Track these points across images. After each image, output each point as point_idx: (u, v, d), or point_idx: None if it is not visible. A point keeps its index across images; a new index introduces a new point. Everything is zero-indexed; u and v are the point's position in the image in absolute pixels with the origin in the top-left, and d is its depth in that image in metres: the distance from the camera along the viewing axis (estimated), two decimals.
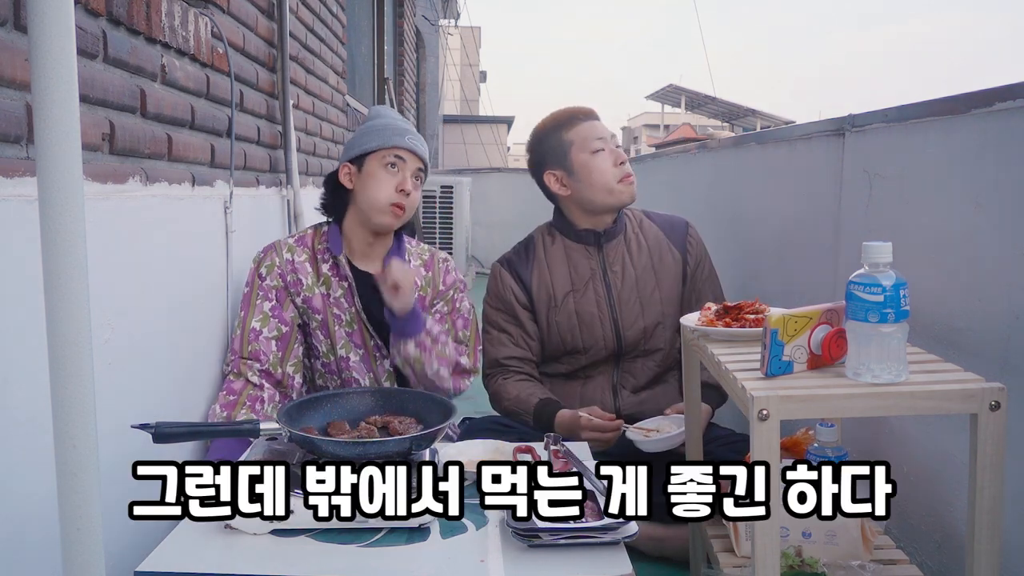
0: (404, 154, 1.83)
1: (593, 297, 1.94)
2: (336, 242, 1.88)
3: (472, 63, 17.53)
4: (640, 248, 1.98)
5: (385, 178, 1.81)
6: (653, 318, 1.94)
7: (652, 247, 1.99)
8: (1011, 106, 1.20)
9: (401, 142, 1.82)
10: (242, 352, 1.80)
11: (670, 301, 1.96)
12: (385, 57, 5.73)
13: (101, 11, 1.32)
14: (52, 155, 0.82)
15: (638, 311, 1.93)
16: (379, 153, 1.82)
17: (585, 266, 1.96)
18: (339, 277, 1.87)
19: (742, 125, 20.25)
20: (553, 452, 1.36)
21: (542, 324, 1.97)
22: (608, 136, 1.96)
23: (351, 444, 1.21)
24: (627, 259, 1.97)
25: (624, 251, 1.97)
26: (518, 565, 1.08)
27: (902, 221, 1.50)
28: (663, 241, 2.00)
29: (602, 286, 1.95)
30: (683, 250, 2.00)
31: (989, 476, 1.00)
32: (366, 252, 1.90)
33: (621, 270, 1.95)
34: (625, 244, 1.98)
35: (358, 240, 1.89)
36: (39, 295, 0.85)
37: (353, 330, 1.88)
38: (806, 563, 1.23)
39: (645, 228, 2.02)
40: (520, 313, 1.98)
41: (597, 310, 1.93)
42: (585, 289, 1.94)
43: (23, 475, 1.11)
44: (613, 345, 1.93)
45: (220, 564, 1.08)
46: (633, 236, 2.00)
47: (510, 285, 2.00)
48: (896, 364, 1.03)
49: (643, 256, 1.97)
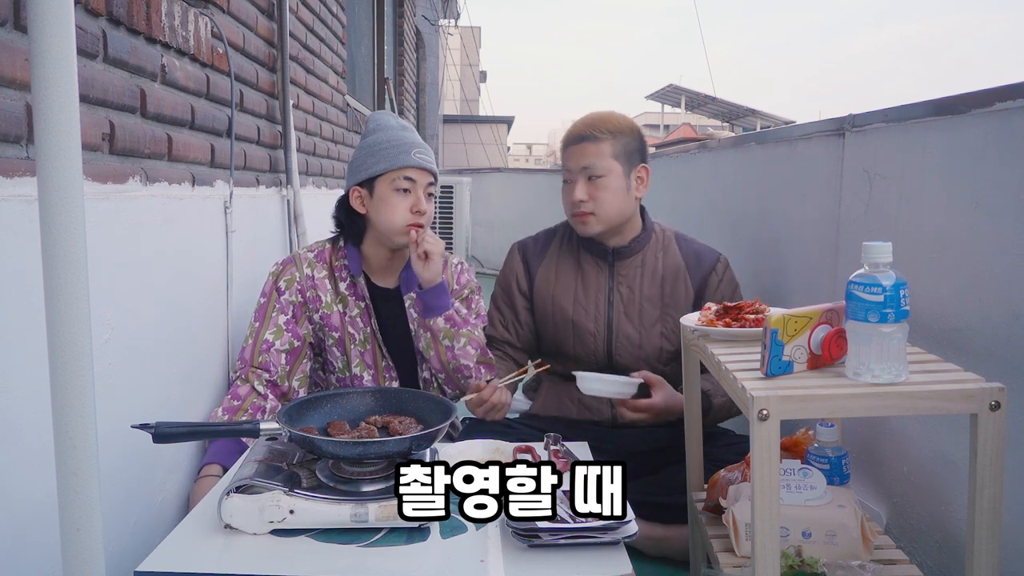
0: (413, 173, 1.80)
1: (592, 311, 1.89)
2: (355, 263, 1.87)
3: (472, 63, 17.53)
4: (654, 274, 1.89)
5: (398, 202, 1.79)
6: (650, 347, 1.86)
7: (667, 275, 1.89)
8: (1011, 106, 1.20)
9: (409, 161, 1.79)
10: (252, 362, 1.81)
11: (673, 334, 1.86)
12: (385, 57, 5.73)
13: (101, 11, 1.32)
14: (52, 155, 0.82)
15: (635, 338, 1.86)
16: (388, 176, 1.79)
17: (593, 278, 1.91)
18: (356, 297, 1.88)
19: (742, 125, 20.25)
20: (553, 452, 1.36)
21: (538, 318, 1.95)
22: (575, 168, 1.83)
23: (351, 444, 1.21)
24: (638, 282, 1.89)
25: (638, 273, 1.89)
26: (518, 565, 1.08)
27: (902, 221, 1.50)
28: (681, 271, 1.89)
29: (604, 303, 1.89)
30: (700, 286, 1.88)
31: (989, 476, 1.00)
32: (385, 268, 1.90)
33: (628, 291, 1.88)
34: (641, 266, 1.89)
35: (377, 258, 1.89)
36: (39, 295, 0.85)
37: (366, 349, 1.89)
38: (806, 563, 1.22)
39: (669, 254, 1.91)
40: (517, 300, 1.97)
41: (593, 326, 1.88)
42: (587, 301, 1.90)
43: (23, 475, 1.11)
44: (603, 361, 1.90)
45: (220, 564, 1.08)
46: (652, 259, 1.90)
47: (517, 270, 1.98)
48: (896, 364, 1.03)
49: (655, 283, 1.88)
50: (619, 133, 1.83)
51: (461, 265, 2.01)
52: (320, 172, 3.16)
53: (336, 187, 3.41)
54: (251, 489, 1.17)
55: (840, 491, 1.33)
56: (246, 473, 1.21)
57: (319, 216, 2.73)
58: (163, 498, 1.60)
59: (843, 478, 1.40)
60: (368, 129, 1.88)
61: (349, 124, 3.81)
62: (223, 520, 1.16)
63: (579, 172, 1.83)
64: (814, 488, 1.30)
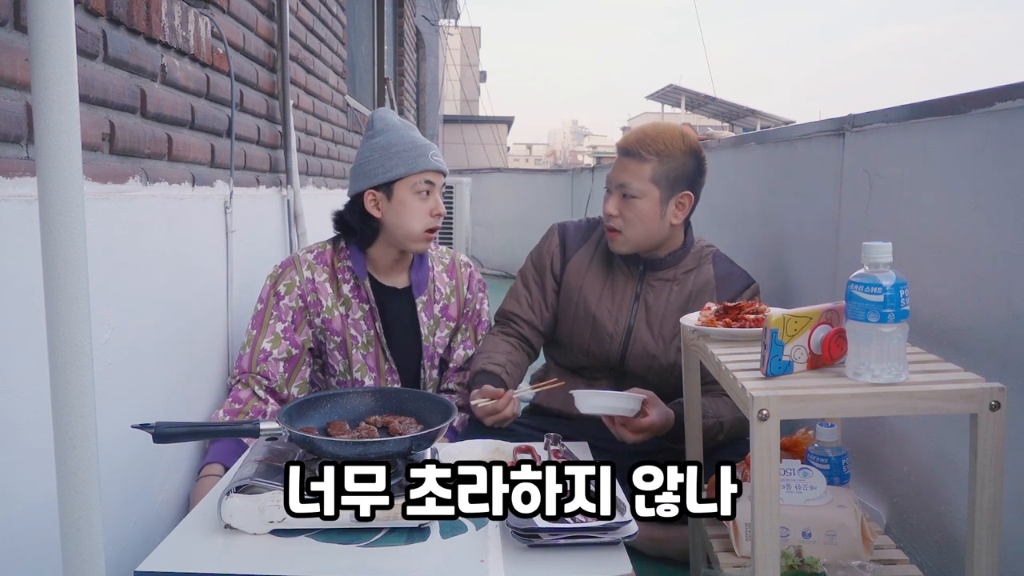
0: (433, 176, 1.79)
1: (615, 312, 1.87)
2: (360, 265, 1.84)
3: (472, 63, 17.53)
4: (683, 290, 1.86)
5: (418, 206, 1.78)
6: (665, 360, 1.84)
7: (695, 293, 1.85)
8: (1011, 106, 1.20)
9: (428, 164, 1.78)
10: (251, 371, 1.80)
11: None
12: (385, 57, 5.73)
13: (101, 11, 1.32)
14: (52, 155, 0.82)
15: (652, 348, 1.84)
16: (409, 180, 1.77)
17: (622, 280, 1.89)
18: (361, 299, 1.86)
19: (742, 125, 20.24)
20: (553, 452, 1.36)
21: (562, 304, 1.94)
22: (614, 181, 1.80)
23: (351, 444, 1.21)
24: (665, 294, 1.86)
25: (668, 286, 1.86)
26: (518, 565, 1.08)
27: (902, 221, 1.50)
28: (709, 289, 1.85)
29: (628, 307, 1.87)
30: None
31: (989, 476, 1.00)
32: (391, 268, 1.89)
33: (654, 301, 1.86)
34: (672, 280, 1.86)
35: (384, 259, 1.87)
36: (39, 295, 0.85)
37: (368, 352, 1.88)
38: (806, 563, 1.23)
39: (702, 271, 1.87)
40: (547, 280, 1.95)
41: (612, 327, 1.87)
42: (612, 301, 1.88)
43: (23, 475, 1.11)
44: (615, 365, 1.89)
45: (220, 564, 1.08)
46: (684, 276, 1.87)
47: (554, 249, 1.96)
48: (896, 364, 1.03)
49: (682, 297, 1.85)
50: (668, 156, 1.75)
51: (470, 269, 2.01)
52: (320, 172, 3.16)
53: (336, 187, 3.41)
54: (251, 489, 1.17)
55: (840, 491, 1.33)
56: (246, 473, 1.21)
57: (319, 216, 2.72)
58: (163, 498, 1.60)
59: (843, 478, 1.40)
60: (375, 129, 1.83)
61: (349, 124, 3.81)
62: (223, 520, 1.16)
63: (616, 187, 1.79)
64: (814, 488, 1.30)
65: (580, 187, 7.06)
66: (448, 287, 1.95)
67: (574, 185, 7.47)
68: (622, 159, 1.80)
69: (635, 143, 1.77)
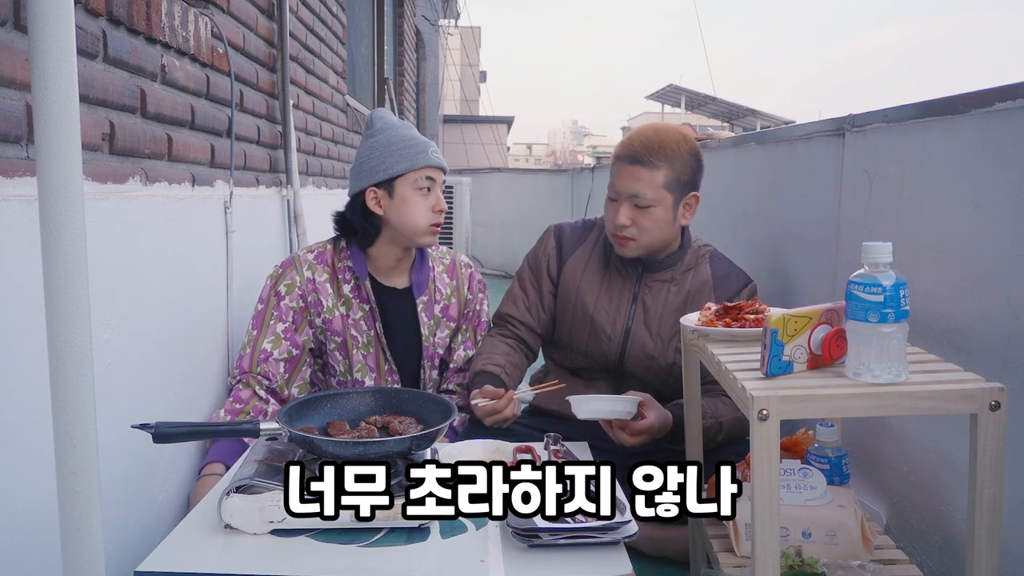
0: (433, 172, 1.80)
1: (613, 314, 1.87)
2: (360, 265, 1.85)
3: (472, 63, 17.54)
4: (680, 291, 1.86)
5: (420, 202, 1.79)
6: (664, 360, 1.84)
7: (693, 293, 1.85)
8: (1011, 106, 1.20)
9: (428, 160, 1.79)
10: (251, 371, 1.80)
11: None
12: (385, 57, 5.73)
13: (101, 11, 1.32)
14: (52, 155, 0.82)
15: (650, 349, 1.84)
16: (409, 176, 1.78)
17: (619, 281, 1.89)
18: (361, 299, 1.86)
19: (742, 125, 20.24)
20: (553, 452, 1.36)
21: (559, 306, 1.94)
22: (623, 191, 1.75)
23: (351, 444, 1.21)
24: (663, 295, 1.86)
25: (666, 286, 1.86)
26: (518, 565, 1.08)
27: (902, 221, 1.50)
28: (707, 289, 1.85)
29: (626, 308, 1.87)
30: None
31: (989, 476, 1.00)
32: (392, 268, 1.89)
33: (652, 302, 1.86)
34: (670, 280, 1.86)
35: (386, 259, 1.87)
36: (39, 295, 0.85)
37: (369, 352, 1.88)
38: (806, 563, 1.23)
39: (700, 271, 1.87)
40: (544, 282, 1.95)
41: (611, 328, 1.87)
42: (609, 302, 1.88)
43: (23, 475, 1.11)
44: (614, 366, 1.89)
45: (220, 564, 1.08)
46: (682, 275, 1.87)
47: (550, 251, 1.96)
48: (896, 364, 1.03)
49: (680, 298, 1.85)
50: (676, 160, 1.74)
51: (471, 269, 2.01)
52: (320, 172, 3.16)
53: (336, 187, 3.41)
54: (251, 489, 1.17)
55: (840, 491, 1.33)
56: (246, 473, 1.21)
57: (319, 216, 2.72)
58: (163, 498, 1.60)
59: (843, 478, 1.40)
60: (375, 128, 1.84)
61: (349, 124, 3.81)
62: (223, 520, 1.16)
63: (628, 197, 1.76)
64: (814, 488, 1.30)
65: (580, 187, 7.06)
66: (449, 287, 1.95)
67: (574, 185, 7.47)
68: (630, 167, 1.75)
69: (643, 151, 1.74)
